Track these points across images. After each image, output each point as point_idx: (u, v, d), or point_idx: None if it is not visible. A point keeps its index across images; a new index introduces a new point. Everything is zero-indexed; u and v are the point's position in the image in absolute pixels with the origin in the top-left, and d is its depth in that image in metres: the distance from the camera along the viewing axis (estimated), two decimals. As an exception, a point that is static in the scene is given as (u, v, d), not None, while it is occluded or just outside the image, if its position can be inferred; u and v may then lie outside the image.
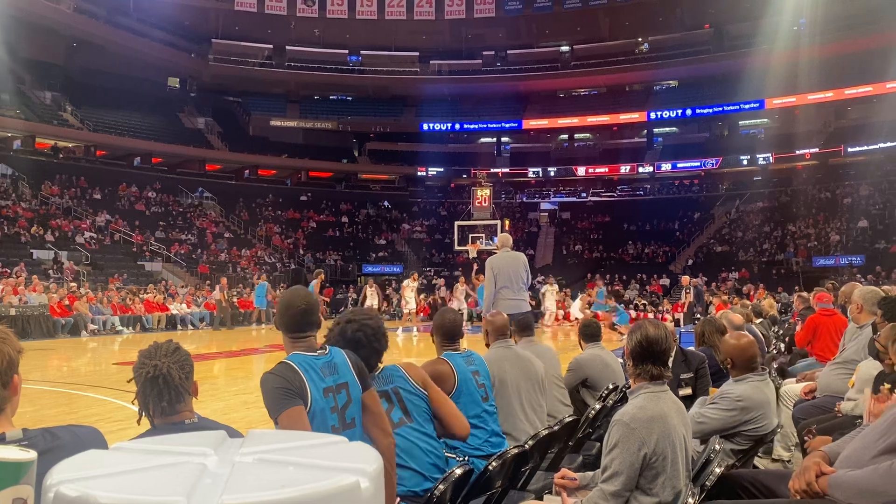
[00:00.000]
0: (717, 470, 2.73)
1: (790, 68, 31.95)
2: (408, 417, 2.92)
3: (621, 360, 6.25)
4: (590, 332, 5.78)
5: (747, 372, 3.72)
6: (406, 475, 2.81)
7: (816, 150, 36.29)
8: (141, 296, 21.19)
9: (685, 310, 19.94)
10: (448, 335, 3.85)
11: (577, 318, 22.02)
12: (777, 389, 4.97)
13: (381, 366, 3.01)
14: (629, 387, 5.27)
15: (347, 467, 0.92)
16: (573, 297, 24.85)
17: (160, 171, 35.27)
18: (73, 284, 20.91)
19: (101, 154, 33.63)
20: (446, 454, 3.49)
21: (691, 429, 3.72)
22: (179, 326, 20.81)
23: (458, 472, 2.69)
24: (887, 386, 3.09)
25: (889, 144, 33.55)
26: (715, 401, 3.77)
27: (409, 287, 21.71)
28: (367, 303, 23.33)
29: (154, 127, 35.87)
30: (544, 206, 41.54)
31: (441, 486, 2.61)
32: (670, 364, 5.02)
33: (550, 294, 23.00)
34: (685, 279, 21.42)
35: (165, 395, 2.27)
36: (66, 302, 18.81)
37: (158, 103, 37.37)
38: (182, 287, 24.34)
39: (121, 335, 18.65)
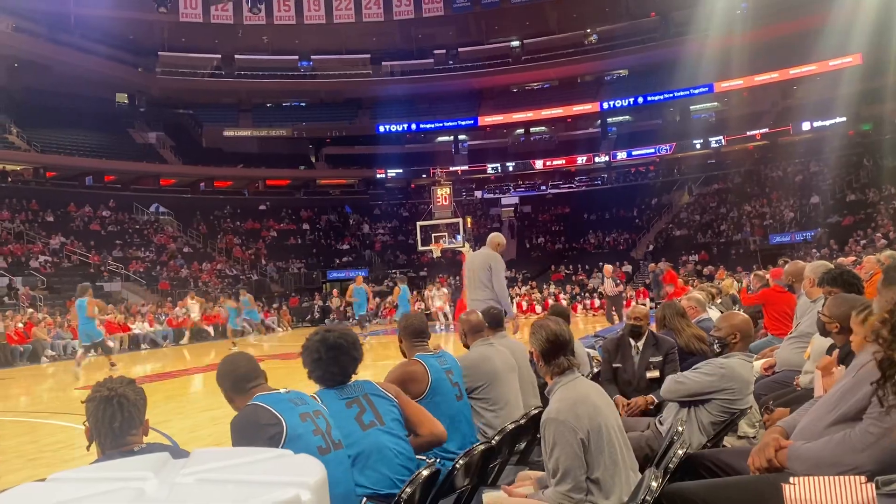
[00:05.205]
0: (680, 451, 2.76)
1: (736, 51, 32.53)
2: (379, 421, 2.91)
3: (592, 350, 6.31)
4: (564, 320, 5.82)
5: (736, 350, 3.83)
6: (375, 476, 2.80)
7: (766, 130, 37.06)
8: (101, 317, 20.72)
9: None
10: (416, 334, 3.93)
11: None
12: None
13: (354, 377, 3.04)
14: (591, 374, 5.34)
15: (288, 481, 0.90)
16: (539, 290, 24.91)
17: (113, 189, 34.58)
18: (30, 310, 20.39)
19: (52, 175, 32.87)
20: (417, 457, 3.48)
21: (678, 389, 3.84)
22: (143, 346, 20.44)
23: (425, 473, 2.68)
24: (829, 357, 3.17)
25: (835, 121, 34.39)
26: (698, 367, 3.89)
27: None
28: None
29: (104, 144, 35.15)
30: (505, 200, 41.69)
31: (408, 489, 2.60)
32: (640, 345, 5.14)
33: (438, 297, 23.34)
34: (652, 266, 21.51)
35: (118, 416, 2.27)
36: (23, 328, 18.33)
37: (107, 120, 36.61)
38: (143, 306, 23.91)
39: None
